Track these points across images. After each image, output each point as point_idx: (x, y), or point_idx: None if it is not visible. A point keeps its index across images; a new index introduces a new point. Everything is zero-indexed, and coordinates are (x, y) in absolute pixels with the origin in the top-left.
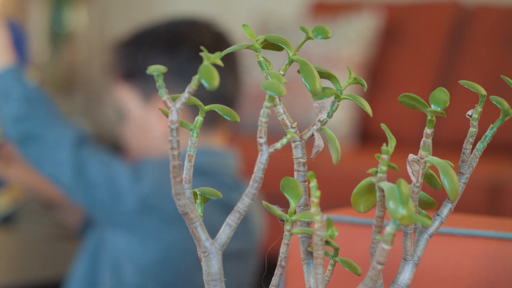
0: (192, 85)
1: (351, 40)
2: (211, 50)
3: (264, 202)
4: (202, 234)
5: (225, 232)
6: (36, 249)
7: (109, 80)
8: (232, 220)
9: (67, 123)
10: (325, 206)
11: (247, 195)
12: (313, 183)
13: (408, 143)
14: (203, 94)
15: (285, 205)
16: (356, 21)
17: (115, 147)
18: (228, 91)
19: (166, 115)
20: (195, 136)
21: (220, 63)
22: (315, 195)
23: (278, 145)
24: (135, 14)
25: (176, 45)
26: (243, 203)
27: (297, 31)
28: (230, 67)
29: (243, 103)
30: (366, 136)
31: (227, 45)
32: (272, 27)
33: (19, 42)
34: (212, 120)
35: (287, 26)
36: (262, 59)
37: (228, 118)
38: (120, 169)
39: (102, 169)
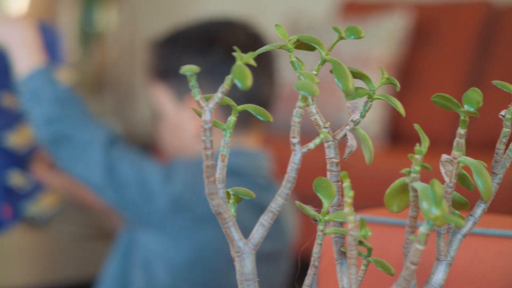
0: (225, 85)
1: (381, 40)
2: (246, 51)
3: (297, 202)
4: (235, 234)
5: (258, 232)
6: (68, 249)
7: (143, 79)
8: (265, 220)
9: (98, 124)
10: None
11: (280, 195)
12: (347, 183)
13: (437, 143)
14: (236, 94)
15: (318, 205)
16: (386, 21)
17: (146, 147)
18: (262, 91)
19: (199, 114)
20: (228, 136)
21: (253, 63)
22: (349, 195)
23: (311, 145)
24: (165, 14)
25: (209, 45)
26: (276, 203)
27: (327, 31)
28: (264, 68)
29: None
30: (395, 136)
31: (262, 46)
32: (303, 27)
33: (52, 44)
34: (245, 120)
35: (318, 26)
36: (295, 59)
37: (261, 118)
38: (152, 169)
39: (133, 169)
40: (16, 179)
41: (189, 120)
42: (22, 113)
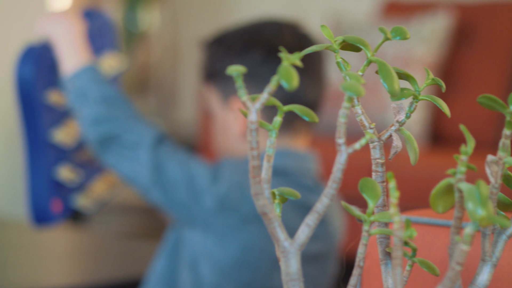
0: (271, 86)
1: (423, 40)
2: (293, 52)
3: (342, 202)
4: (281, 234)
5: (304, 232)
6: (113, 247)
7: (186, 80)
8: (310, 220)
9: (145, 123)
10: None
11: (325, 195)
12: (392, 184)
13: (479, 144)
14: (282, 95)
15: (363, 205)
16: (428, 21)
17: (189, 147)
18: (308, 92)
19: (245, 115)
20: (273, 137)
21: (299, 64)
22: (394, 196)
23: (357, 145)
24: (207, 15)
25: (251, 46)
26: (322, 203)
27: (368, 32)
28: (311, 69)
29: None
30: (436, 136)
31: (310, 46)
32: (344, 28)
33: (100, 31)
34: (291, 121)
35: (360, 27)
36: (341, 60)
37: (307, 119)
38: (199, 168)
39: (181, 168)
40: (65, 173)
41: (234, 120)
42: (69, 110)
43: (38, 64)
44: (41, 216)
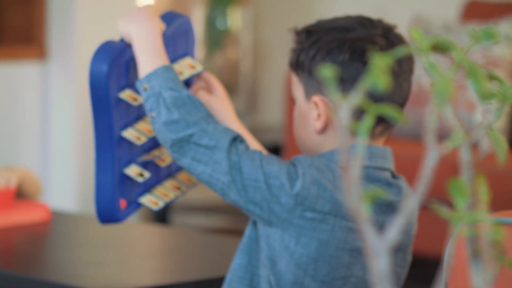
0: (364, 85)
1: (505, 40)
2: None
3: (434, 203)
4: (370, 232)
5: (393, 230)
6: (195, 244)
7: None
8: (400, 218)
9: (219, 127)
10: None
11: (415, 194)
12: (482, 185)
13: None
14: (369, 96)
15: (450, 205)
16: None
17: (275, 147)
18: (395, 95)
19: (331, 115)
20: (363, 136)
21: (391, 65)
22: (484, 196)
23: (447, 145)
24: (287, 17)
25: (343, 45)
26: (413, 201)
27: (450, 32)
28: (400, 71)
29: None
30: None
31: (401, 48)
32: (425, 29)
33: (178, 34)
34: (378, 120)
35: (441, 28)
36: (431, 61)
37: (396, 120)
38: (276, 167)
39: (256, 168)
40: (133, 171)
41: (316, 116)
42: (142, 109)
43: (113, 60)
44: (107, 214)
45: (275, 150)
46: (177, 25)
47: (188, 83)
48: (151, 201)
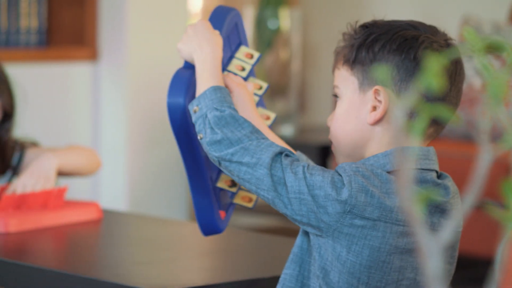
0: (420, 86)
1: None
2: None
3: (489, 204)
4: (423, 233)
5: (446, 232)
6: (248, 244)
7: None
8: (454, 220)
9: (263, 141)
10: None
11: (470, 195)
12: None
13: None
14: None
15: (502, 205)
16: None
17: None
18: (449, 97)
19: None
20: (419, 137)
21: (447, 66)
22: None
23: (499, 147)
24: (336, 18)
25: (410, 46)
26: (467, 203)
27: (499, 33)
28: (455, 74)
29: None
30: None
31: (456, 51)
32: (475, 30)
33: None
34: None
35: (491, 29)
36: (485, 62)
37: (450, 121)
38: (320, 177)
39: (300, 180)
40: (224, 183)
41: (371, 108)
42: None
43: (187, 91)
44: (210, 229)
45: (323, 150)
46: (228, 21)
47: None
48: (244, 198)
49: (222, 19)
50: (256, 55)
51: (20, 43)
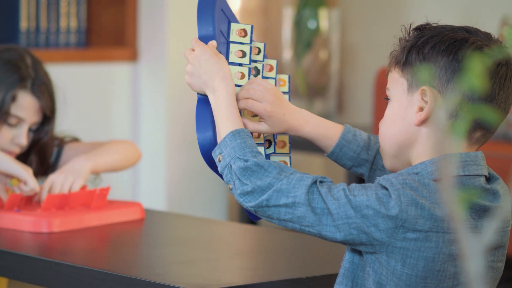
0: (463, 88)
1: None
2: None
3: None
4: (464, 234)
5: (490, 234)
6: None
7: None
8: (496, 220)
9: (293, 176)
10: None
11: (509, 196)
12: None
13: None
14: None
15: None
16: None
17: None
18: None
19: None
20: (458, 139)
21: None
22: None
23: None
24: (374, 18)
25: (459, 48)
26: (506, 204)
27: None
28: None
29: None
30: None
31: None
32: None
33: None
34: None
35: None
36: None
37: (497, 125)
38: (363, 196)
39: (345, 205)
40: None
41: (417, 109)
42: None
43: (212, 122)
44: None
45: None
46: (217, 14)
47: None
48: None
49: (210, 16)
50: (248, 28)
51: (60, 44)
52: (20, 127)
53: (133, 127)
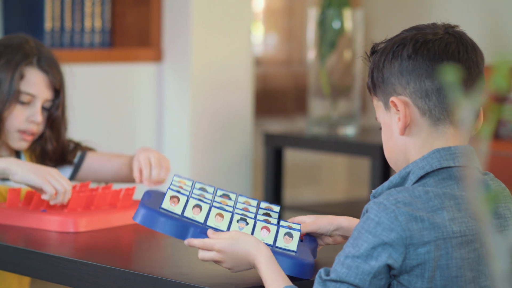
0: (486, 87)
1: None
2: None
3: None
4: (492, 234)
5: None
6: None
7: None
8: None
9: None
10: None
11: None
12: None
13: None
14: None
15: None
16: None
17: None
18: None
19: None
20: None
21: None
22: None
23: None
24: (397, 18)
25: (402, 45)
26: None
27: None
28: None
29: None
30: None
31: (472, 55)
32: None
33: None
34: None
35: None
36: None
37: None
38: (364, 245)
39: (357, 267)
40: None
41: (397, 120)
42: None
43: None
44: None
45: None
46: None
47: None
48: None
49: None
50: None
51: (84, 44)
52: (33, 105)
53: (157, 127)
